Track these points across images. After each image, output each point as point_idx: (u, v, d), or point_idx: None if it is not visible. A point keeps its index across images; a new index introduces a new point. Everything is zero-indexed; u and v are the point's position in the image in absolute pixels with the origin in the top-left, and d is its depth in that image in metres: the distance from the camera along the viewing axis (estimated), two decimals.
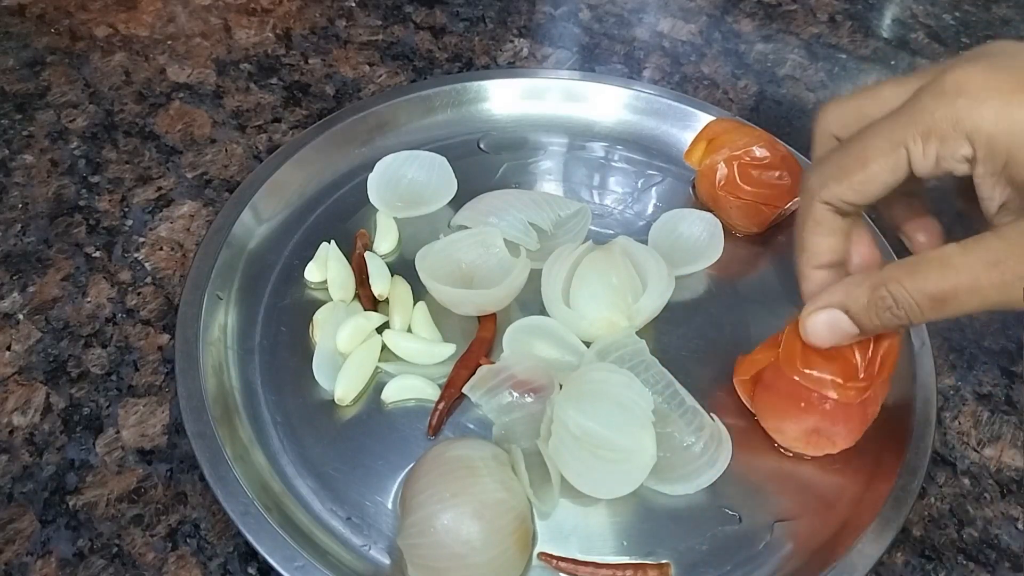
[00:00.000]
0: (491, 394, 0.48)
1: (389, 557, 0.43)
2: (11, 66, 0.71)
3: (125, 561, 0.44)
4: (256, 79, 0.72)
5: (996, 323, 0.58)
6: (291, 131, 0.67)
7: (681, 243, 0.58)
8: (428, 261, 0.52)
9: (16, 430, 0.49)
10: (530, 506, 0.43)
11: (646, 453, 0.43)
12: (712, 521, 0.45)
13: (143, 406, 0.50)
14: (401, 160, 0.60)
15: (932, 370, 0.50)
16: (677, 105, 0.66)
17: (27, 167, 0.63)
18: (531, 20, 0.80)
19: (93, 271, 0.57)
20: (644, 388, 0.45)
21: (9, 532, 0.44)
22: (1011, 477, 0.50)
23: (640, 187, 0.63)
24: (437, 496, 0.40)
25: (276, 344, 0.52)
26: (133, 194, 0.62)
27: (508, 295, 0.51)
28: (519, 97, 0.67)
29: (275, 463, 0.46)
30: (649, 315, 0.51)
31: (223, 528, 0.45)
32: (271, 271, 0.55)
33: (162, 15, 0.78)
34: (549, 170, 0.64)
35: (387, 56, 0.75)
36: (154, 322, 0.54)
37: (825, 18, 0.84)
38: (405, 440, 0.48)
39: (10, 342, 0.53)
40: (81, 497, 0.46)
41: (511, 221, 0.56)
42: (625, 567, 0.43)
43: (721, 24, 0.82)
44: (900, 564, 0.46)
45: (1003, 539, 0.47)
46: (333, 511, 0.45)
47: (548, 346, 0.51)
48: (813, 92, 0.75)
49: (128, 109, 0.69)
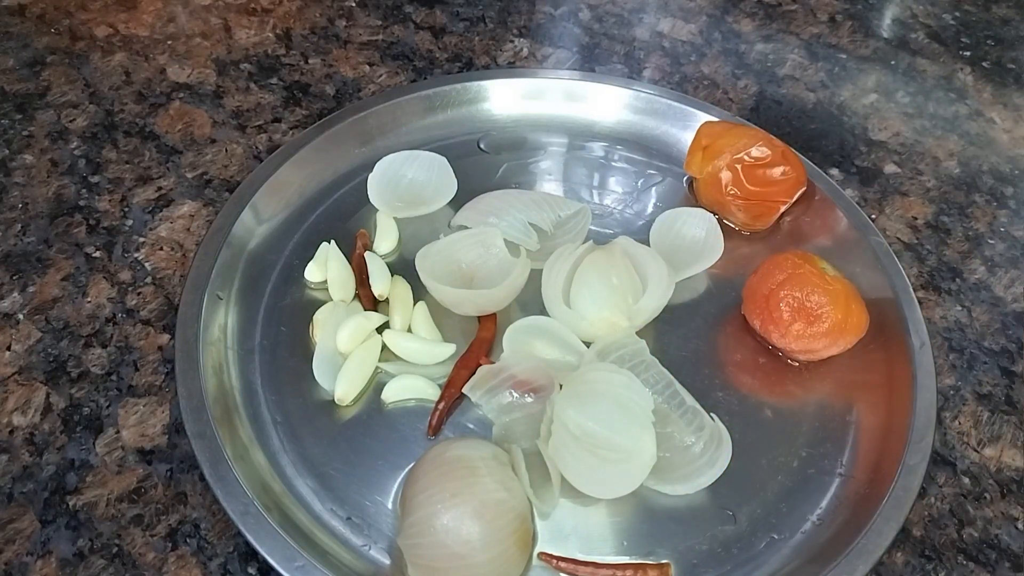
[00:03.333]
0: (491, 394, 0.48)
1: (389, 557, 0.43)
2: (11, 66, 0.71)
3: (125, 561, 0.44)
4: (256, 79, 0.72)
5: (996, 323, 0.58)
6: (291, 131, 0.67)
7: (681, 244, 0.58)
8: (428, 261, 0.52)
9: (16, 430, 0.49)
10: (530, 506, 0.43)
11: (646, 453, 0.43)
12: (712, 521, 0.45)
13: (143, 406, 0.50)
14: (401, 160, 0.60)
15: (932, 370, 0.50)
16: (677, 105, 0.66)
17: (27, 167, 0.63)
18: (531, 20, 0.80)
19: (93, 271, 0.57)
20: (644, 388, 0.45)
21: (9, 532, 0.44)
22: (1011, 477, 0.50)
23: (640, 187, 0.63)
24: (437, 496, 0.40)
25: (276, 344, 0.52)
26: (133, 194, 0.62)
27: (508, 295, 0.51)
28: (519, 97, 0.67)
29: (275, 463, 0.46)
30: (649, 315, 0.51)
31: (223, 528, 0.45)
32: (271, 271, 0.55)
33: (162, 15, 0.78)
34: (549, 170, 0.64)
35: (387, 56, 0.75)
36: (154, 322, 0.54)
37: (825, 18, 0.84)
38: (405, 440, 0.48)
39: (10, 342, 0.53)
40: (81, 497, 0.46)
41: (511, 221, 0.56)
42: (625, 567, 0.43)
43: (721, 24, 0.82)
44: (900, 564, 0.46)
45: (1003, 539, 0.47)
46: (333, 511, 0.45)
47: (548, 346, 0.51)
48: (813, 92, 0.75)
49: (128, 109, 0.69)
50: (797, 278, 0.50)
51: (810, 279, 0.50)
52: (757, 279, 0.52)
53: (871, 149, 0.70)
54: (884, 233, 0.58)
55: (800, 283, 0.50)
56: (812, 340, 0.50)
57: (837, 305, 0.49)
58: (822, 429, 0.49)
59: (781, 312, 0.50)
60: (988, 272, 0.61)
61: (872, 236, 0.57)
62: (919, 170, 0.68)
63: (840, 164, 0.68)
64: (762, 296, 0.51)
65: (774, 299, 0.50)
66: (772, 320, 0.51)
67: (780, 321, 0.50)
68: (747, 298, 0.53)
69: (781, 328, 0.50)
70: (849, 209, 0.59)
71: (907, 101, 0.75)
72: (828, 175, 0.64)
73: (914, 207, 0.65)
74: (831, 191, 0.60)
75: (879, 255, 0.56)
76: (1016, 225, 0.65)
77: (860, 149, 0.70)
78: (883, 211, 0.65)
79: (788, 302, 0.50)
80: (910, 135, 0.72)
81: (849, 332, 0.50)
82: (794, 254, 0.52)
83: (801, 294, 0.50)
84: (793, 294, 0.50)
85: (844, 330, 0.49)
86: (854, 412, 0.50)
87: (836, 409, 0.50)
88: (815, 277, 0.50)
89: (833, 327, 0.49)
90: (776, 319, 0.50)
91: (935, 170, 0.69)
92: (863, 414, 0.50)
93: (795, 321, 0.50)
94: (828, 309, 0.49)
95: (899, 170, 0.68)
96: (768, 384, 0.51)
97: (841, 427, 0.50)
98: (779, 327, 0.50)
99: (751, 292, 0.52)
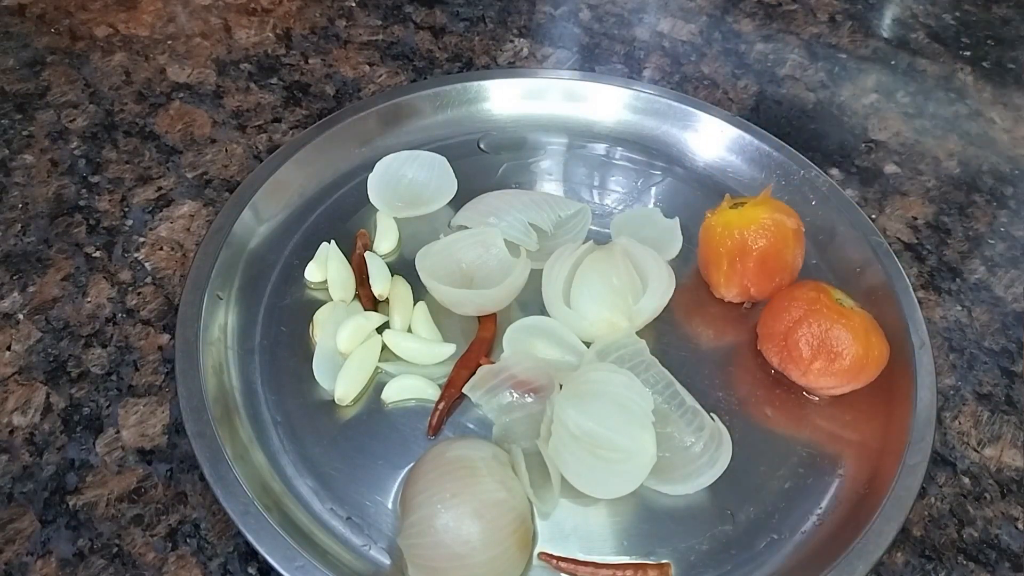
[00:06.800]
0: (491, 394, 0.48)
1: (389, 557, 0.43)
2: (11, 66, 0.71)
3: (125, 561, 0.44)
4: (256, 79, 0.72)
5: (996, 323, 0.58)
6: (291, 131, 0.67)
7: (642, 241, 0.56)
8: (428, 261, 0.52)
9: (16, 430, 0.49)
10: (530, 506, 0.43)
11: (646, 453, 0.43)
12: (712, 521, 0.45)
13: (143, 406, 0.50)
14: (401, 160, 0.60)
15: (932, 370, 0.50)
16: (677, 105, 0.66)
17: (27, 167, 0.63)
18: (531, 20, 0.80)
19: (93, 271, 0.57)
20: (644, 388, 0.45)
21: (9, 532, 0.44)
22: (1011, 477, 0.50)
23: (640, 187, 0.63)
24: (437, 496, 0.40)
25: (276, 344, 0.52)
26: (133, 194, 0.62)
27: (508, 295, 0.51)
28: (519, 97, 0.67)
29: (275, 463, 0.46)
30: (649, 316, 0.51)
31: (223, 528, 0.45)
32: (271, 271, 0.55)
33: (162, 15, 0.78)
34: (549, 170, 0.64)
35: (387, 56, 0.75)
36: (154, 322, 0.54)
37: (825, 18, 0.84)
38: (405, 440, 0.48)
39: (10, 342, 0.53)
40: (81, 497, 0.46)
41: (511, 221, 0.56)
42: (625, 567, 0.43)
43: (721, 24, 0.82)
44: (900, 564, 0.46)
45: (1003, 539, 0.47)
46: (333, 511, 0.45)
47: (548, 346, 0.51)
48: (813, 92, 0.75)
49: (128, 109, 0.69)
50: (815, 314, 0.48)
51: (828, 314, 0.48)
52: (772, 315, 0.51)
53: (871, 149, 0.70)
54: (884, 233, 0.58)
55: (819, 319, 0.48)
56: (833, 377, 0.48)
57: (857, 339, 0.47)
58: (822, 429, 0.49)
59: (801, 351, 0.48)
60: (988, 272, 0.61)
61: (872, 236, 0.57)
62: (919, 170, 0.68)
63: (840, 164, 0.68)
64: (779, 334, 0.49)
65: (792, 337, 0.49)
66: (792, 359, 0.49)
67: (800, 360, 0.49)
68: (763, 336, 0.51)
69: (802, 367, 0.49)
70: (849, 209, 0.59)
71: (907, 101, 0.75)
72: (828, 175, 0.64)
73: (914, 207, 0.65)
74: (831, 191, 0.60)
75: (879, 255, 0.56)
76: (1016, 225, 0.65)
77: (860, 149, 0.70)
78: (883, 211, 0.65)
79: (807, 340, 0.48)
80: (910, 135, 0.72)
81: (871, 366, 0.48)
82: (808, 287, 0.50)
83: (820, 330, 0.48)
84: (812, 331, 0.48)
85: (865, 365, 0.48)
86: (854, 412, 0.50)
87: (836, 409, 0.50)
88: (833, 312, 0.48)
89: (854, 363, 0.48)
90: (796, 358, 0.49)
91: (935, 170, 0.69)
92: (863, 414, 0.50)
93: (816, 359, 0.48)
94: (849, 345, 0.47)
95: (899, 170, 0.68)
96: (768, 385, 0.51)
97: (841, 427, 0.49)
98: (799, 366, 0.49)
99: (767, 330, 0.51)
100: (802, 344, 0.48)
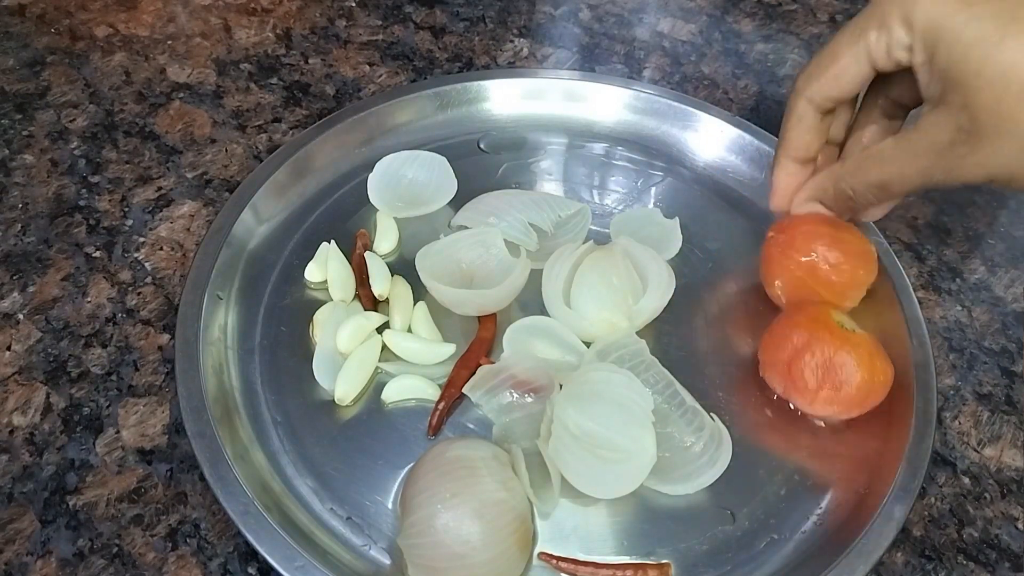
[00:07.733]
0: (491, 394, 0.48)
1: (389, 557, 0.43)
2: (11, 66, 0.71)
3: (125, 561, 0.44)
4: (256, 79, 0.72)
5: (996, 323, 0.58)
6: (291, 131, 0.67)
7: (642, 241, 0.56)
8: (428, 261, 0.52)
9: (16, 430, 0.49)
10: (530, 506, 0.43)
11: (646, 453, 0.43)
12: (712, 521, 0.45)
13: (143, 406, 0.50)
14: (401, 160, 0.60)
15: (932, 370, 0.50)
16: (677, 105, 0.66)
17: (27, 167, 0.63)
18: (531, 20, 0.80)
19: (93, 271, 0.57)
20: (644, 388, 0.45)
21: (9, 532, 0.44)
22: (1011, 477, 0.50)
23: (640, 187, 0.63)
24: (437, 496, 0.40)
25: (276, 344, 0.52)
26: (133, 194, 0.62)
27: (508, 295, 0.51)
28: (519, 97, 0.67)
29: (275, 463, 0.46)
30: (650, 316, 0.51)
31: (223, 528, 0.45)
32: (271, 271, 0.55)
33: (162, 15, 0.78)
34: (549, 170, 0.64)
35: (387, 56, 0.75)
36: (154, 322, 0.54)
37: (825, 18, 0.84)
38: (405, 440, 0.48)
39: (10, 342, 0.53)
40: (81, 497, 0.46)
41: (511, 221, 0.56)
42: (625, 567, 0.43)
43: (721, 24, 0.82)
44: (900, 564, 0.46)
45: (1003, 539, 0.47)
46: (333, 511, 0.45)
47: (548, 346, 0.51)
48: None
49: (128, 109, 0.69)
50: (818, 340, 0.47)
51: (831, 340, 0.47)
52: (773, 343, 0.50)
53: None
54: (884, 233, 0.57)
55: (822, 345, 0.47)
56: (840, 406, 0.47)
57: (862, 365, 0.46)
58: (822, 429, 0.49)
59: (806, 381, 0.47)
60: (988, 272, 0.61)
61: (872, 236, 0.57)
62: None
63: None
64: (782, 363, 0.48)
65: (796, 366, 0.48)
66: (797, 389, 0.48)
67: (805, 390, 0.48)
68: (766, 364, 0.50)
69: (808, 396, 0.48)
70: None
71: None
72: None
73: (914, 207, 0.65)
74: None
75: (879, 255, 0.56)
76: (1016, 225, 0.65)
77: None
78: None
79: (812, 368, 0.47)
80: None
81: (876, 391, 0.47)
82: (808, 312, 0.49)
83: (824, 357, 0.47)
84: (816, 359, 0.47)
85: (871, 391, 0.47)
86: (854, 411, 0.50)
87: None
88: (835, 337, 0.47)
89: (860, 388, 0.47)
90: (801, 388, 0.48)
91: None
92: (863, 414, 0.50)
93: (821, 388, 0.47)
94: (854, 370, 0.46)
95: None
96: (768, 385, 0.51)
97: (841, 427, 0.49)
98: (805, 395, 0.48)
99: (770, 359, 0.50)
100: (807, 373, 0.47)
